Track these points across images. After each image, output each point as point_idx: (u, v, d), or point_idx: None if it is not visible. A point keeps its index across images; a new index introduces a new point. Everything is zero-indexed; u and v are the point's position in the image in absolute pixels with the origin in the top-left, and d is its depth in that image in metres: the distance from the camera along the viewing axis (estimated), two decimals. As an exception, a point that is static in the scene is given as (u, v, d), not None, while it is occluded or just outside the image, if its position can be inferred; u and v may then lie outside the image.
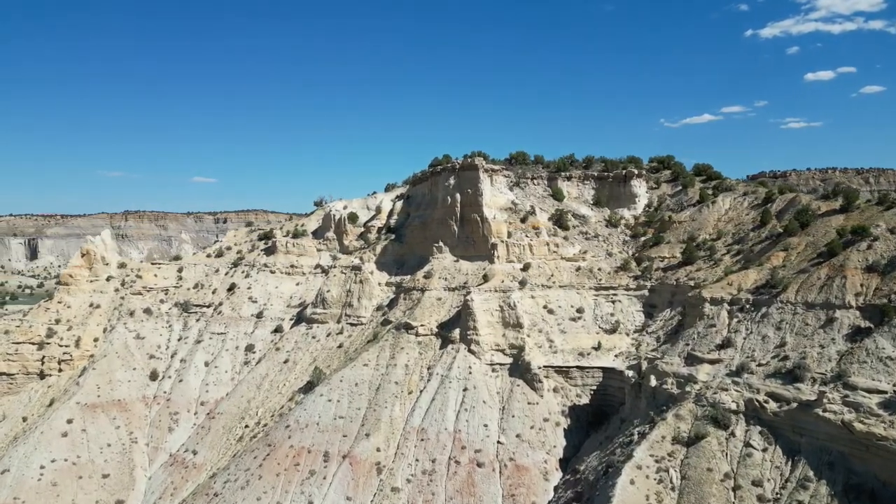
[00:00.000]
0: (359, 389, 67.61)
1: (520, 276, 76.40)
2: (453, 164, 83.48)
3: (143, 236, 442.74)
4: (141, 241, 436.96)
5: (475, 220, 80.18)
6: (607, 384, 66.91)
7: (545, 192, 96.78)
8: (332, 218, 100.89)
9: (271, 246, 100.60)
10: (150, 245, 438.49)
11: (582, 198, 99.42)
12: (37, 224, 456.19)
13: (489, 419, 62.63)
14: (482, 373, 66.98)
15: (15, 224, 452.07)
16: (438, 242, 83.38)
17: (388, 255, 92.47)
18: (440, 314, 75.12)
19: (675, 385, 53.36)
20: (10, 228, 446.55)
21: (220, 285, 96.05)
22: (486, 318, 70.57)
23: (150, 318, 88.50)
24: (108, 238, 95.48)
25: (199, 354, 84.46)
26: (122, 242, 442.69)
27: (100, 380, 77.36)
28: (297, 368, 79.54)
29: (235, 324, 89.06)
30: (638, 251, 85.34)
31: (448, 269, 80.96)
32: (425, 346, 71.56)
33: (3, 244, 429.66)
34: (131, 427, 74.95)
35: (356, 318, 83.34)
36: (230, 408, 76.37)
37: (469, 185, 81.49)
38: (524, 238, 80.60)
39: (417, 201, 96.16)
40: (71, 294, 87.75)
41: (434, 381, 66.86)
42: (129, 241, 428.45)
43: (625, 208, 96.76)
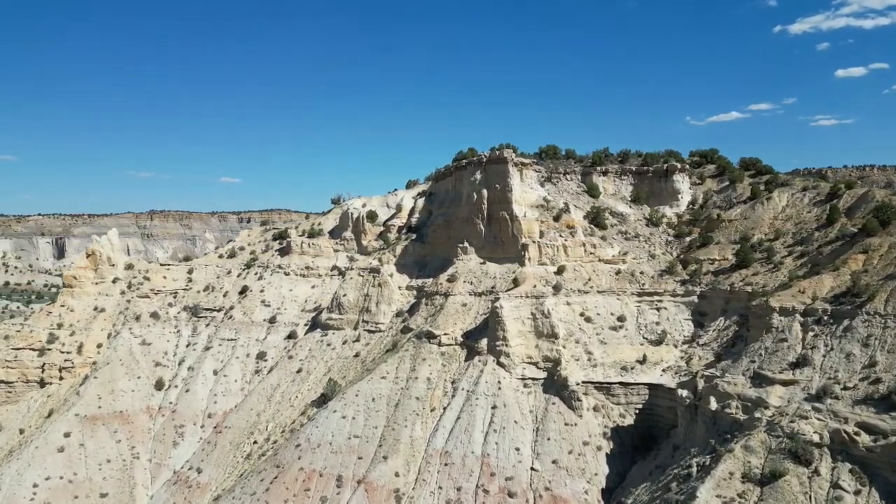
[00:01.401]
0: (376, 405, 61.20)
1: (553, 279, 69.22)
2: (479, 158, 76.62)
3: (168, 236, 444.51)
4: (166, 241, 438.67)
5: (504, 219, 73.19)
6: (654, 403, 59.45)
7: (579, 189, 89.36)
8: (349, 216, 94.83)
9: (286, 246, 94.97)
10: (175, 244, 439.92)
11: (619, 194, 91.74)
12: (64, 223, 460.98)
13: (521, 442, 55.69)
14: (513, 388, 60.04)
15: (43, 223, 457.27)
16: (463, 243, 76.61)
17: (408, 257, 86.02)
18: (465, 322, 68.35)
19: (741, 410, 45.77)
20: (38, 228, 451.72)
21: (231, 288, 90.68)
22: (516, 326, 63.59)
23: (158, 323, 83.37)
24: (115, 238, 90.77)
25: (207, 362, 79.05)
26: (147, 242, 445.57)
27: (101, 389, 72.29)
28: (310, 379, 73.55)
29: (247, 329, 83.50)
30: (683, 253, 77.50)
31: (474, 272, 74.13)
32: (449, 357, 64.87)
33: (31, 243, 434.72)
34: (133, 441, 69.70)
35: (374, 324, 77.03)
36: (238, 421, 70.67)
37: (497, 180, 74.52)
38: (558, 238, 73.35)
39: (440, 198, 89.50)
40: (75, 297, 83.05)
41: (459, 397, 60.15)
42: (154, 241, 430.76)
43: (666, 206, 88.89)
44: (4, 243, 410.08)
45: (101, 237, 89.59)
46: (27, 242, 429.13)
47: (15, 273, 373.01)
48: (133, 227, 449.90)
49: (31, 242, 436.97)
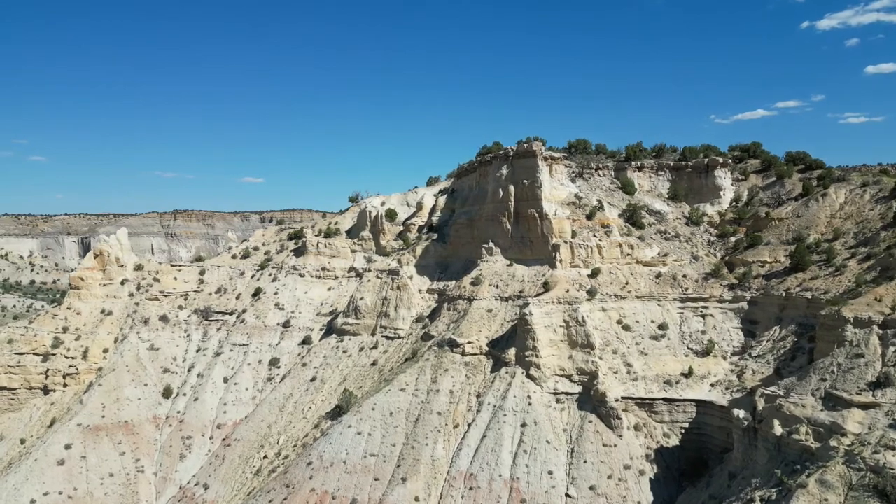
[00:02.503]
0: (394, 420, 56.17)
1: (587, 283, 63.49)
2: (506, 152, 71.08)
3: (192, 235, 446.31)
4: (189, 240, 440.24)
5: (532, 217, 67.63)
6: (703, 422, 53.43)
7: (612, 185, 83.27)
8: (367, 215, 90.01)
9: (301, 246, 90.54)
10: (198, 244, 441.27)
11: (655, 191, 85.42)
12: (90, 223, 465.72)
13: (554, 464, 50.17)
14: (544, 404, 54.52)
15: (69, 223, 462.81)
16: (488, 243, 71.21)
17: (429, 258, 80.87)
18: (491, 329, 62.97)
19: (813, 436, 39.67)
20: (65, 227, 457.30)
21: (244, 290, 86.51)
22: (547, 335, 58.02)
23: (167, 327, 79.48)
24: (125, 237, 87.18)
25: (217, 369, 74.87)
26: (170, 241, 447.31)
27: (106, 398, 68.48)
28: (324, 388, 68.85)
29: (259, 334, 79.18)
30: (728, 254, 71.14)
31: (500, 275, 68.67)
32: (473, 368, 59.56)
33: (58, 243, 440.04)
34: (138, 453, 65.71)
35: (392, 330, 72.06)
36: (248, 433, 66.25)
37: (525, 175, 68.93)
38: (591, 238, 67.57)
39: (463, 195, 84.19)
40: (82, 299, 79.58)
41: (485, 412, 54.80)
42: (178, 240, 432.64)
43: (707, 203, 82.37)
44: (31, 242, 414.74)
45: (109, 236, 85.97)
46: (53, 242, 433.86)
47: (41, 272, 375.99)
48: (157, 226, 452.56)
49: (57, 242, 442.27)
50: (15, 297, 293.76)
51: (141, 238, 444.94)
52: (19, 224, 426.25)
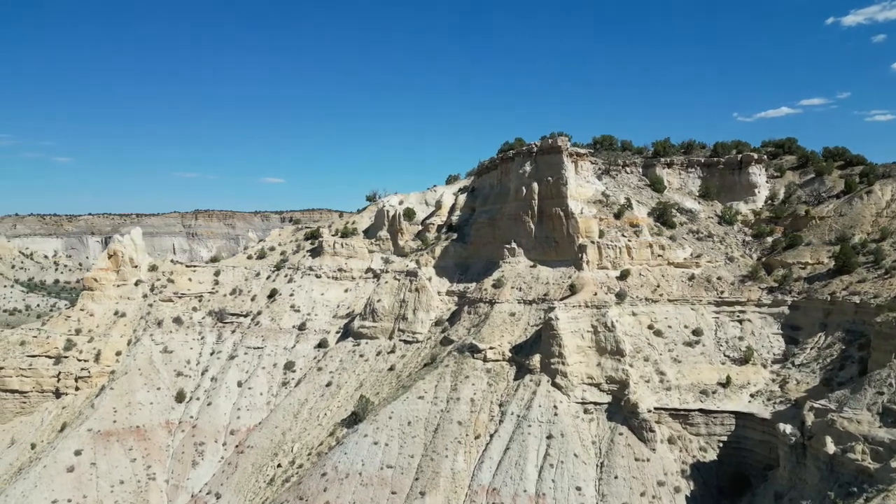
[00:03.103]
0: (412, 430, 53.42)
1: (616, 286, 60.14)
2: (529, 148, 67.93)
3: (213, 235, 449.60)
4: (210, 240, 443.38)
5: (557, 216, 64.42)
6: (743, 435, 49.83)
7: (640, 182, 79.64)
8: (385, 214, 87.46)
9: (318, 246, 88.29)
10: (219, 244, 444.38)
11: (685, 188, 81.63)
12: (113, 223, 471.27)
13: (583, 479, 46.99)
14: (571, 414, 51.33)
15: (93, 223, 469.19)
16: (510, 243, 68.14)
17: (448, 258, 78.02)
18: (514, 334, 59.94)
19: (871, 455, 36.08)
20: (89, 227, 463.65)
21: (259, 291, 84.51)
22: (574, 341, 54.81)
23: (181, 329, 77.69)
24: (139, 237, 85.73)
25: (231, 372, 72.82)
26: (192, 241, 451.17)
27: (117, 402, 66.75)
28: (340, 394, 66.38)
29: (274, 337, 77.02)
30: (765, 255, 67.25)
31: (523, 277, 65.57)
32: (496, 375, 56.57)
33: (82, 242, 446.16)
34: (150, 459, 63.80)
35: (411, 334, 69.37)
36: (262, 440, 64.01)
37: (550, 172, 65.74)
38: (620, 238, 64.15)
39: (484, 194, 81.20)
40: (95, 300, 78.13)
41: (508, 422, 51.79)
42: (199, 240, 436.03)
43: (741, 201, 78.46)
44: (56, 242, 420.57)
45: (123, 236, 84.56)
46: (77, 241, 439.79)
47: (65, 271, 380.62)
48: (179, 226, 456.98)
49: (81, 241, 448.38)
50: (39, 296, 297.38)
51: (163, 238, 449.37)
52: (44, 224, 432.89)
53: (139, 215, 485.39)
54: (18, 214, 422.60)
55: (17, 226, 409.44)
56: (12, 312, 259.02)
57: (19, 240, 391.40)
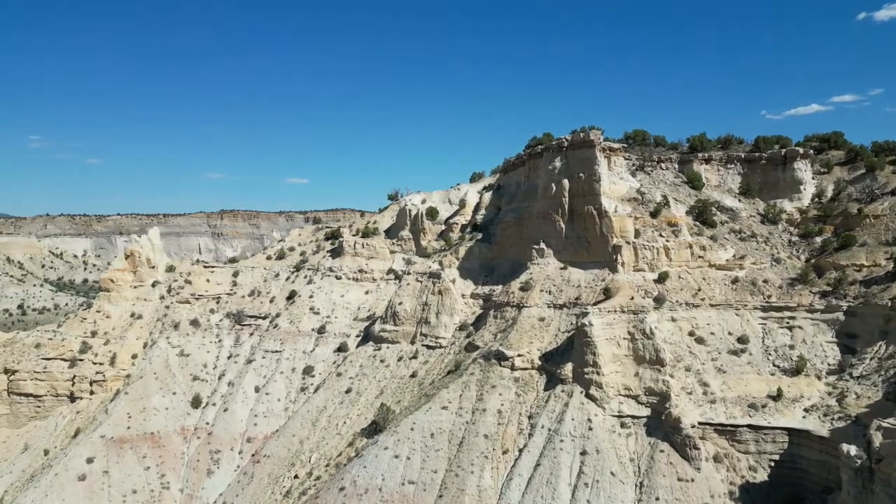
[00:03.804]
0: (435, 443, 50.11)
1: (654, 290, 56.05)
2: (559, 142, 64.09)
3: (237, 235, 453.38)
4: (235, 240, 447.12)
5: (590, 214, 60.52)
6: (797, 454, 45.46)
7: (677, 179, 75.16)
8: (407, 214, 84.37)
9: (338, 247, 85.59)
10: (244, 243, 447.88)
11: (725, 185, 76.88)
12: (141, 223, 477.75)
13: (620, 501, 43.18)
14: (607, 429, 47.49)
15: (121, 223, 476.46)
16: (539, 243, 64.41)
17: (473, 259, 74.56)
18: (543, 340, 56.24)
19: (955, 486, 31.80)
20: (117, 227, 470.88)
21: (278, 293, 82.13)
22: (609, 349, 50.93)
23: (198, 332, 75.62)
24: (156, 237, 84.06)
25: (249, 377, 70.45)
26: (217, 241, 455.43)
27: (132, 407, 64.79)
28: (360, 401, 63.43)
29: (293, 340, 74.49)
30: (815, 256, 62.42)
31: (553, 279, 61.80)
32: (524, 384, 52.95)
33: (111, 242, 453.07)
34: (164, 468, 61.67)
35: (433, 338, 66.12)
36: (279, 449, 61.38)
37: (581, 168, 61.84)
38: (657, 238, 59.99)
39: (511, 191, 77.53)
40: (112, 302, 76.49)
41: (538, 436, 48.16)
42: (224, 240, 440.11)
43: (785, 199, 73.42)
44: (85, 242, 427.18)
45: (140, 236, 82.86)
46: (106, 241, 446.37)
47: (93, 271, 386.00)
48: (204, 226, 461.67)
49: (109, 241, 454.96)
50: (68, 295, 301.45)
51: (189, 238, 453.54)
52: (74, 224, 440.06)
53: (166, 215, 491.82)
54: (49, 214, 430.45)
55: (48, 226, 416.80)
56: (41, 311, 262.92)
57: (50, 240, 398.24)
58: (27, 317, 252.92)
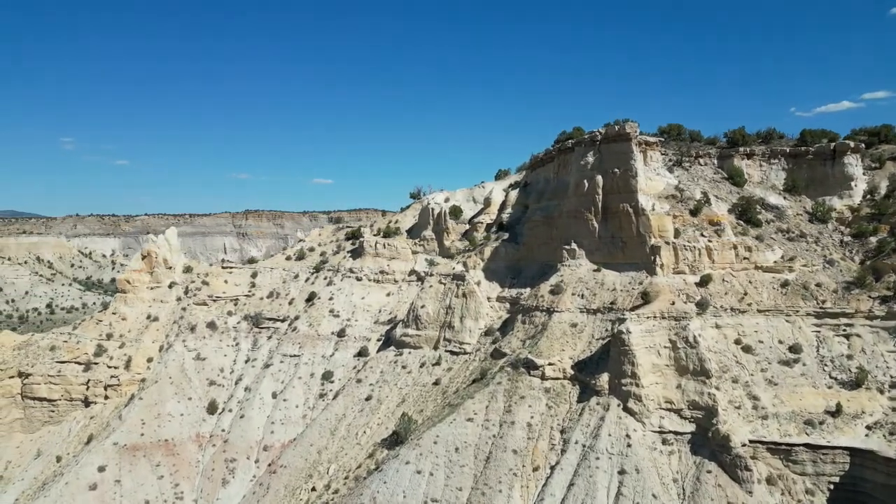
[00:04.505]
0: (460, 458, 46.75)
1: (696, 294, 51.92)
2: (592, 136, 60.23)
3: (262, 235, 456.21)
4: (260, 240, 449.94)
5: (625, 213, 56.58)
6: (860, 476, 41.13)
7: (716, 175, 70.64)
8: (430, 213, 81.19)
9: (358, 247, 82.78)
10: (269, 243, 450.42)
11: (768, 182, 72.07)
12: (167, 223, 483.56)
13: (664, 527, 39.33)
14: (647, 446, 43.64)
15: (148, 223, 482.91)
16: (570, 244, 60.67)
17: (499, 260, 71.06)
18: (576, 348, 52.50)
19: None
20: (144, 227, 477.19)
21: (297, 294, 79.61)
22: (649, 358, 47.02)
23: (215, 335, 73.41)
24: (174, 237, 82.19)
25: (266, 382, 67.93)
26: (242, 240, 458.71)
27: (146, 413, 62.68)
28: (381, 410, 60.40)
29: (312, 344, 71.84)
30: (870, 258, 57.56)
31: (585, 282, 57.98)
32: (556, 395, 49.31)
33: (138, 242, 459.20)
34: (178, 477, 59.36)
35: (458, 344, 62.81)
36: (296, 459, 58.62)
37: (616, 164, 57.92)
38: (699, 238, 55.79)
39: (539, 189, 73.81)
40: (128, 303, 74.72)
41: (572, 453, 44.50)
42: (249, 240, 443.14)
43: (834, 196, 68.40)
44: (113, 242, 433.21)
45: (157, 236, 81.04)
46: (133, 241, 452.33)
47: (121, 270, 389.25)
48: (230, 226, 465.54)
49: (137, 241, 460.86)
50: (95, 294, 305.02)
51: (214, 237, 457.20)
52: (103, 224, 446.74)
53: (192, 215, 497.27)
54: (79, 215, 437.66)
55: (78, 226, 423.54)
56: (69, 310, 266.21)
57: (79, 239, 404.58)
58: (55, 315, 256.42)
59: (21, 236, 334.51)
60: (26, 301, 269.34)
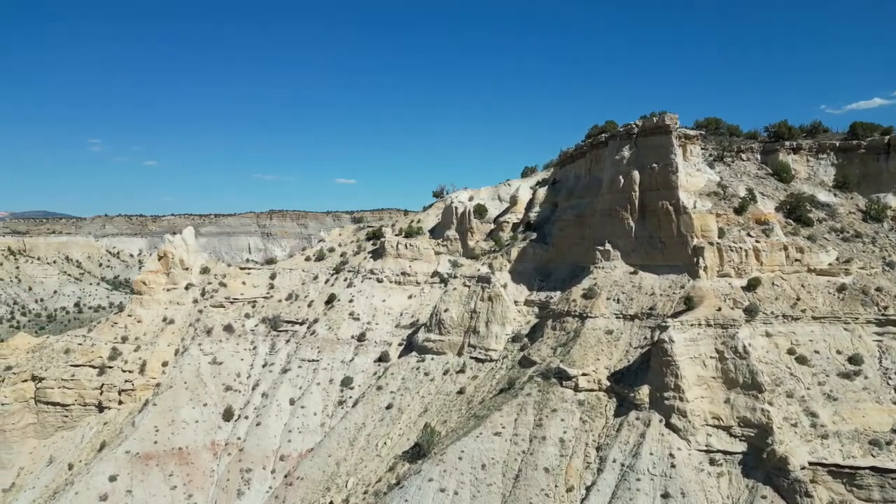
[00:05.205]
0: (487, 475, 43.35)
1: (744, 299, 47.74)
2: (628, 129, 56.28)
3: (286, 234, 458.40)
4: (284, 240, 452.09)
5: (665, 211, 52.56)
6: (938, 507, 36.69)
7: (760, 171, 66.14)
8: (453, 212, 77.88)
9: (379, 247, 79.83)
10: (293, 243, 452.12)
11: (816, 178, 67.32)
12: (193, 223, 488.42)
13: (714, 559, 35.45)
14: (693, 467, 39.73)
15: (174, 223, 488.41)
16: (604, 244, 56.82)
17: (527, 262, 67.49)
18: (612, 357, 48.70)
19: None
20: (171, 227, 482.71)
21: (317, 296, 76.94)
22: (694, 370, 43.07)
23: (231, 338, 71.09)
24: (190, 237, 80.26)
25: (283, 388, 65.33)
26: (266, 240, 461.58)
27: (160, 420, 60.49)
28: (402, 419, 57.28)
29: (331, 348, 69.07)
30: (935, 259, 52.72)
31: (621, 286, 54.09)
32: (591, 409, 45.59)
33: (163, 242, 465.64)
34: (191, 487, 56.99)
35: (483, 350, 59.41)
36: (313, 471, 55.80)
37: (654, 158, 53.91)
38: (745, 238, 51.53)
39: (569, 186, 69.99)
40: (144, 305, 72.85)
41: (609, 473, 40.80)
42: (273, 239, 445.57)
43: (889, 193, 63.68)
44: (140, 241, 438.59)
45: (174, 236, 79.13)
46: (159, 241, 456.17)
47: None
48: (254, 226, 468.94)
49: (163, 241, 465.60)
50: (122, 293, 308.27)
51: (239, 237, 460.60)
52: (131, 224, 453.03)
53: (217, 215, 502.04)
54: (108, 215, 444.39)
55: (106, 226, 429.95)
56: (96, 309, 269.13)
57: (107, 239, 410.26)
58: (83, 315, 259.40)
59: (50, 236, 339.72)
60: (55, 300, 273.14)
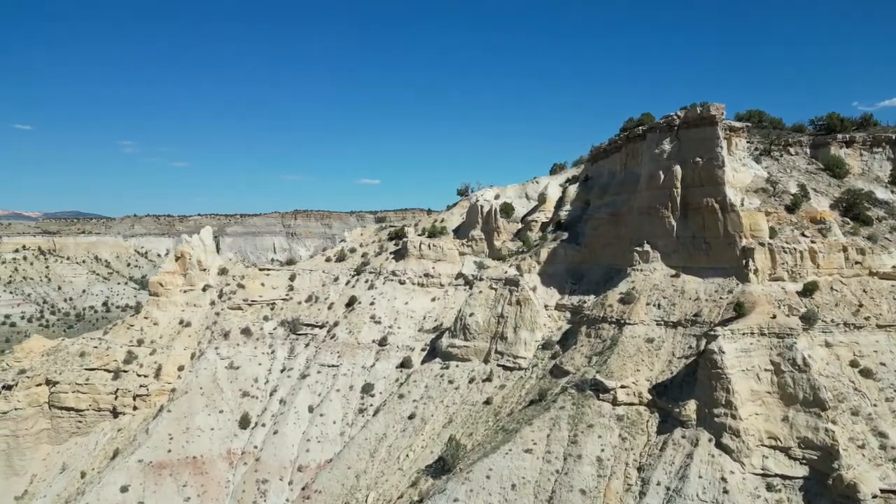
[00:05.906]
0: (518, 496, 39.84)
1: (800, 305, 43.41)
2: (669, 120, 52.16)
3: (310, 234, 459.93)
4: (308, 239, 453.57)
5: (710, 208, 48.39)
6: None
7: (811, 166, 61.41)
8: (478, 211, 74.46)
9: (402, 248, 76.79)
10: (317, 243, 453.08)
11: (871, 173, 62.38)
12: (219, 223, 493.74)
13: None
14: (749, 492, 35.69)
15: (201, 223, 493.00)
16: (642, 245, 52.81)
17: (557, 263, 63.76)
18: (653, 368, 44.77)
19: None
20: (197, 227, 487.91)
21: (337, 299, 74.28)
22: (747, 384, 38.98)
23: (249, 341, 68.77)
24: (208, 237, 78.18)
25: (302, 395, 62.70)
26: (291, 240, 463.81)
27: (174, 427, 58.29)
28: (425, 430, 54.06)
29: (352, 353, 66.26)
30: None
31: (662, 290, 50.06)
32: (631, 425, 41.77)
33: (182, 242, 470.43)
34: (205, 498, 54.64)
35: (511, 358, 55.88)
36: (332, 484, 52.90)
37: (698, 152, 49.76)
38: (799, 239, 47.14)
39: (602, 183, 66.02)
40: (160, 307, 70.93)
41: (653, 497, 36.98)
42: (298, 239, 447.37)
43: (954, 188, 58.40)
44: (168, 241, 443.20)
45: (191, 236, 77.11)
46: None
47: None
48: (279, 226, 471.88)
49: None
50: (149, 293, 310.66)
51: (263, 237, 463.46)
52: (159, 224, 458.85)
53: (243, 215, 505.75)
54: (136, 215, 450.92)
55: (135, 226, 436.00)
56: (124, 308, 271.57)
57: (136, 239, 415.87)
58: (111, 314, 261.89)
59: (80, 236, 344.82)
60: (83, 299, 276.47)
